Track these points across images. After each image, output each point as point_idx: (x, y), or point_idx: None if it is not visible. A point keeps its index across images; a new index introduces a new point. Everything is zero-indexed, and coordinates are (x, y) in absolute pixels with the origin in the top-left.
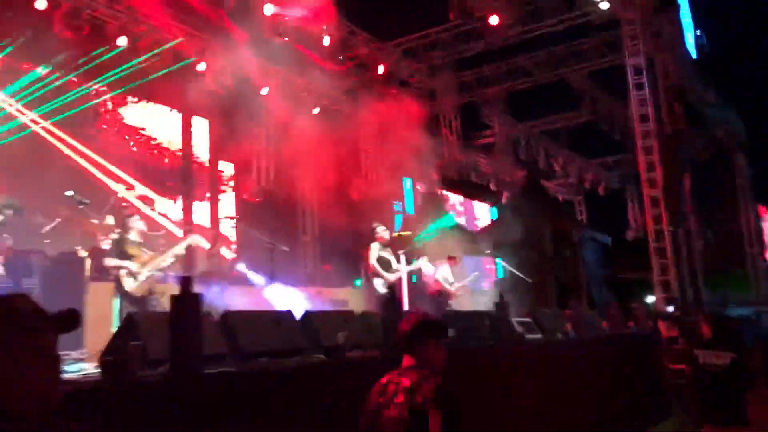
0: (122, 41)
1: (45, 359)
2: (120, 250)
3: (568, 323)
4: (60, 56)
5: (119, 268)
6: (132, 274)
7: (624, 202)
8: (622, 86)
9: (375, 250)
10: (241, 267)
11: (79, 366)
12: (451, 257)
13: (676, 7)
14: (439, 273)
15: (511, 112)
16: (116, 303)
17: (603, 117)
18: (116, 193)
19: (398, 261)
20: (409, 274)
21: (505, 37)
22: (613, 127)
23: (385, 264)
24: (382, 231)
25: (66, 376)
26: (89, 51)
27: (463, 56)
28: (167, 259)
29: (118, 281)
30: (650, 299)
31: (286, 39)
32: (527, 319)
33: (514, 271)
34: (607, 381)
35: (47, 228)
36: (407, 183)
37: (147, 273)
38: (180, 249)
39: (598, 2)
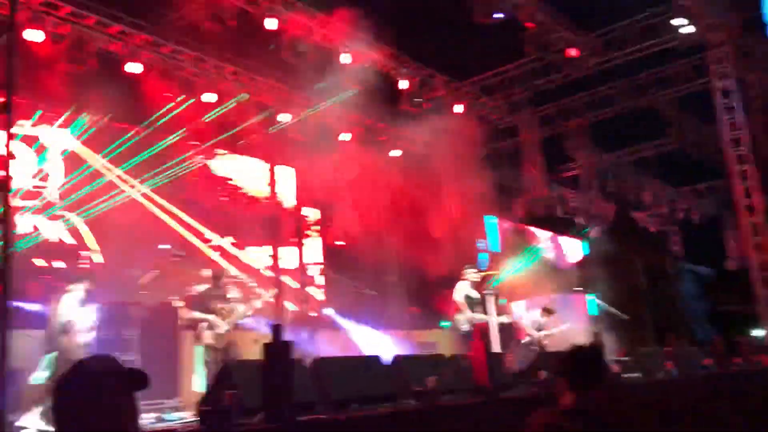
0: (211, 97)
1: (120, 415)
2: (203, 303)
3: (669, 361)
4: (152, 116)
5: (201, 321)
6: (212, 327)
7: (720, 231)
8: (710, 110)
9: (461, 289)
10: (329, 311)
11: (178, 415)
12: (546, 309)
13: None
14: (529, 319)
15: (595, 143)
16: (198, 351)
17: (692, 143)
18: (210, 240)
19: (485, 302)
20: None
21: (585, 68)
22: (703, 152)
23: (471, 304)
24: (471, 273)
25: (165, 425)
26: (177, 107)
27: (543, 90)
28: (246, 313)
29: (199, 333)
30: (757, 332)
31: (364, 86)
32: (624, 358)
33: (608, 307)
34: (715, 423)
35: (144, 280)
36: (491, 220)
37: (226, 326)
38: (258, 304)
39: (681, 27)
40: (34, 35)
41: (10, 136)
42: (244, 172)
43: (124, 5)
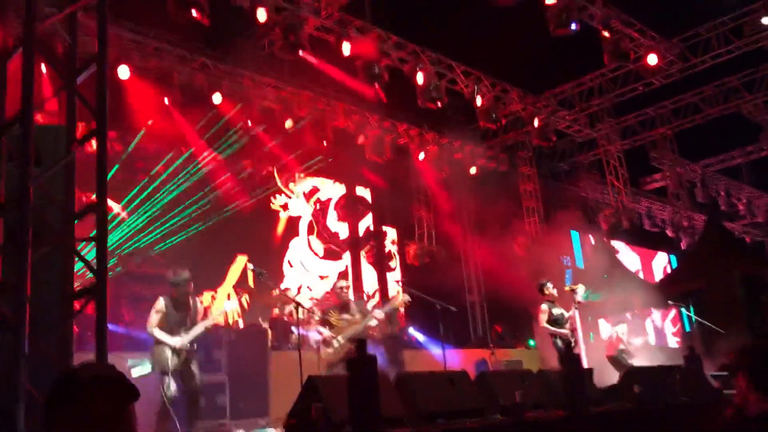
0: (288, 124)
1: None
2: (322, 318)
3: None
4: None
5: (321, 334)
6: (327, 343)
7: None
8: None
9: (546, 311)
10: (412, 330)
11: (267, 431)
12: (627, 317)
13: None
14: (616, 331)
15: (681, 152)
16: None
17: None
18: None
19: (570, 318)
20: (584, 329)
21: (667, 75)
22: None
23: (558, 320)
24: (550, 288)
25: None
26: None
27: (623, 100)
28: (359, 328)
29: (317, 348)
30: None
31: (438, 104)
32: (724, 373)
33: (703, 321)
34: None
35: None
36: (575, 236)
37: (341, 341)
38: (371, 320)
39: None
40: (122, 71)
41: (104, 158)
42: (324, 193)
43: (204, 40)
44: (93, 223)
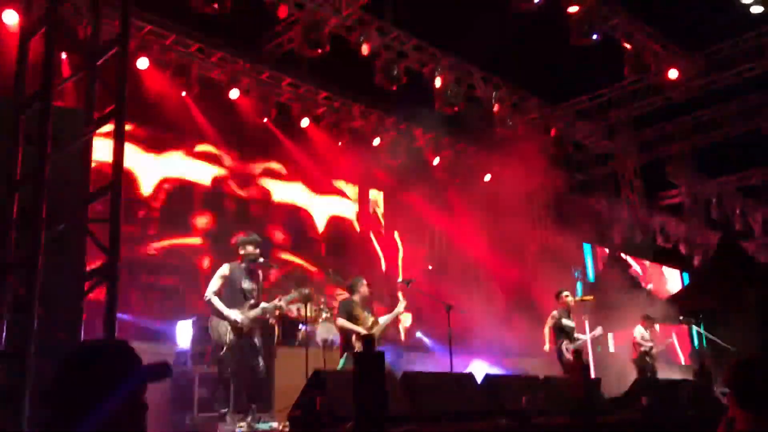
0: (304, 122)
1: (131, 407)
2: (348, 312)
3: None
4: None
5: (350, 330)
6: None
7: None
8: None
9: (554, 317)
10: (419, 334)
11: (270, 424)
12: (646, 318)
13: None
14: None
15: (699, 168)
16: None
17: None
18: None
19: (581, 327)
20: (593, 341)
21: (688, 90)
22: None
23: (568, 330)
24: (565, 296)
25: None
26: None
27: (643, 113)
28: (384, 324)
29: (348, 343)
30: None
31: (455, 108)
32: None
33: (714, 338)
34: None
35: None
36: (588, 248)
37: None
38: (392, 316)
39: None
40: (141, 63)
41: (121, 145)
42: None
43: (225, 35)
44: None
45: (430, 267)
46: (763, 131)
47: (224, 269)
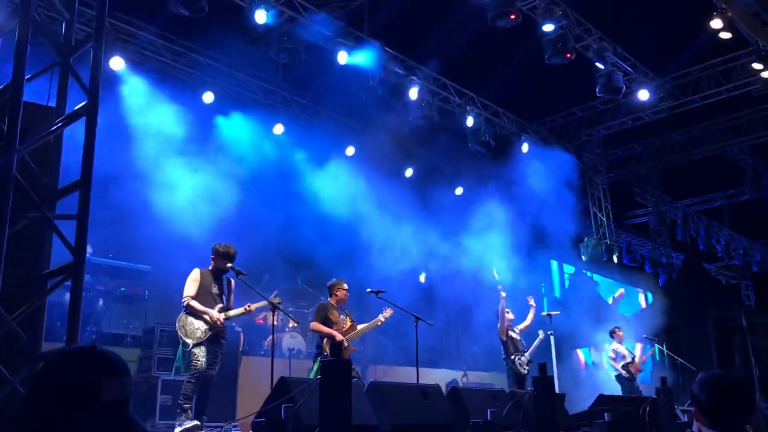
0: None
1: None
2: (324, 315)
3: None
4: None
5: (323, 333)
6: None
7: None
8: None
9: (514, 329)
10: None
11: None
12: (612, 333)
13: None
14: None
15: (666, 190)
16: (315, 367)
17: None
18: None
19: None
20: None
21: (657, 112)
22: None
23: (520, 346)
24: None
25: None
26: None
27: (611, 133)
28: (361, 332)
29: (321, 348)
30: None
31: (426, 122)
32: (691, 408)
33: (674, 357)
34: None
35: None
36: (554, 265)
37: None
38: (372, 324)
39: (759, 72)
40: (114, 63)
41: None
42: None
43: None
44: None
45: None
46: (726, 155)
47: (195, 274)
